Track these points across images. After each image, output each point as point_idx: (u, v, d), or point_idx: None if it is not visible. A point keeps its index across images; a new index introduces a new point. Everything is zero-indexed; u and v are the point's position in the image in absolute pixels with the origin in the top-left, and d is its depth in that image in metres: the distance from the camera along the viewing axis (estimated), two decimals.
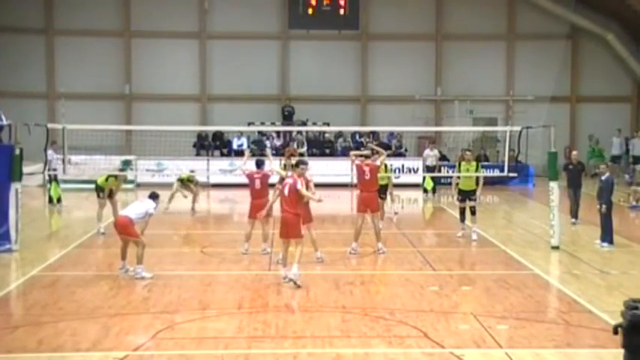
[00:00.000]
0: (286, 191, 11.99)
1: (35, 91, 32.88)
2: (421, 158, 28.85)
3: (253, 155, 27.56)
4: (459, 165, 16.86)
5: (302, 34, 32.84)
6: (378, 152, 15.78)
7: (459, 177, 16.70)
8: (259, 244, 14.59)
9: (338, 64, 33.68)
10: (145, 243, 12.59)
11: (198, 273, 13.30)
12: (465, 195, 16.61)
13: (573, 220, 18.91)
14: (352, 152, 16.10)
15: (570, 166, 19.20)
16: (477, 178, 16.55)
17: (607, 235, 15.68)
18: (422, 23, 33.82)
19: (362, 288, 12.04)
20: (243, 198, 22.53)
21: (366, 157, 15.51)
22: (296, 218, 12.00)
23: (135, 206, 12.80)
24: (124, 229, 12.52)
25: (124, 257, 12.71)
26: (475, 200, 16.56)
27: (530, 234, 17.52)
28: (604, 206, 15.60)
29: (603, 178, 15.85)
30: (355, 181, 16.08)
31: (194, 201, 21.65)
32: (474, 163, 16.69)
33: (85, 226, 18.09)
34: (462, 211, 16.71)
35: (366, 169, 14.88)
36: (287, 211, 12.00)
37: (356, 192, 15.91)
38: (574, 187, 18.88)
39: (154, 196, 13.06)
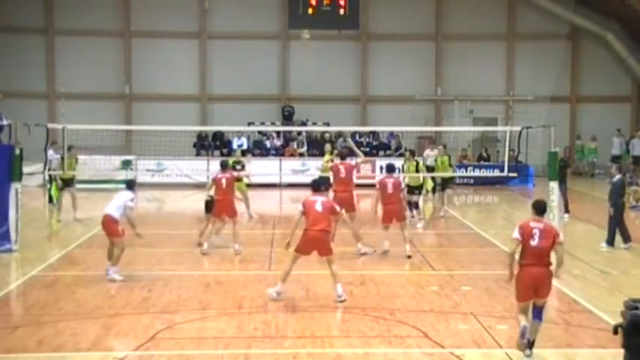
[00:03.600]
0: (320, 208, 11.06)
1: (35, 91, 32.87)
2: (421, 158, 28.81)
3: (252, 155, 27.60)
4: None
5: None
6: (355, 153, 16.17)
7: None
8: (255, 245, 14.59)
9: (338, 64, 33.66)
10: (125, 246, 12.48)
11: (198, 273, 13.30)
12: (410, 190, 18.74)
13: (564, 215, 18.99)
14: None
15: None
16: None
17: (609, 237, 15.52)
18: (422, 23, 33.80)
19: (362, 288, 12.04)
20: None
21: (342, 157, 15.86)
22: (327, 236, 11.26)
23: (113, 201, 12.64)
24: (106, 227, 12.49)
25: (110, 258, 12.66)
26: (418, 195, 19.52)
27: None
28: (611, 208, 15.37)
29: (614, 180, 15.60)
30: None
31: (247, 205, 19.28)
32: (413, 163, 19.30)
33: (85, 226, 18.10)
34: (408, 203, 18.37)
35: (341, 167, 15.14)
36: (320, 230, 11.04)
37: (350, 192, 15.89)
38: (558, 183, 19.01)
39: (130, 186, 12.82)
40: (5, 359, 8.58)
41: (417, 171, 19.31)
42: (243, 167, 20.10)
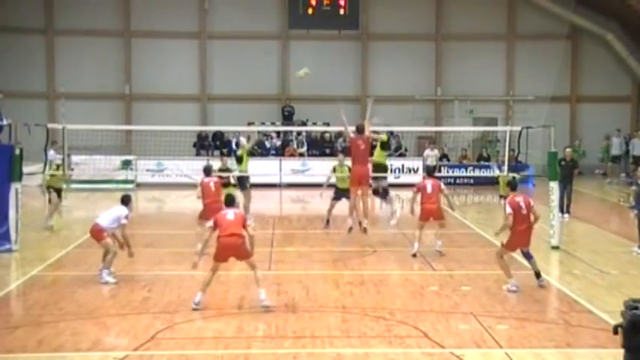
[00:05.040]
0: (231, 217, 10.89)
1: (35, 91, 32.88)
2: (421, 158, 28.86)
3: (253, 155, 27.58)
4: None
5: (302, 34, 32.83)
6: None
7: None
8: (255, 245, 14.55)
9: (338, 64, 33.66)
10: (116, 250, 12.44)
11: (198, 273, 13.27)
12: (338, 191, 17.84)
13: (565, 215, 19.00)
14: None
15: (562, 162, 19.31)
16: None
17: None
18: (422, 23, 33.82)
19: (362, 288, 12.04)
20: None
21: (359, 130, 15.99)
22: (239, 239, 10.81)
23: (106, 213, 12.60)
24: (93, 235, 12.48)
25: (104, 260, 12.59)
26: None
27: None
28: (636, 212, 14.93)
29: None
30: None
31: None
32: (344, 168, 17.79)
33: (85, 226, 18.03)
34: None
35: (360, 141, 15.53)
36: (230, 234, 10.76)
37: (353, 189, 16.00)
38: (565, 183, 19.04)
39: (125, 201, 12.68)
40: (5, 359, 8.58)
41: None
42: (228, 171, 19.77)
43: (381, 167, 18.12)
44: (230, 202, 11.49)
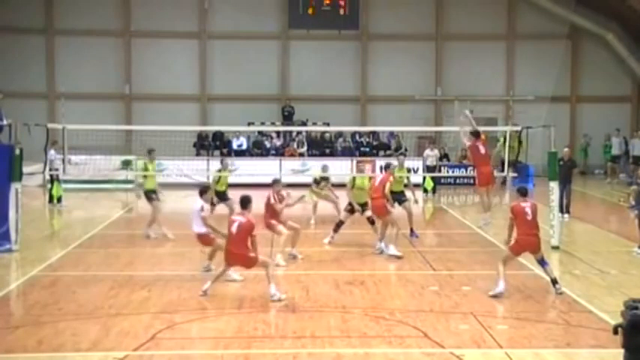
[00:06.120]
0: (235, 230, 10.99)
1: (35, 91, 32.87)
2: (421, 158, 28.85)
3: (251, 155, 27.61)
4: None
5: (302, 34, 32.85)
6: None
7: None
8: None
9: (338, 64, 33.67)
10: (220, 244, 12.44)
11: (198, 273, 13.29)
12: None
13: (565, 215, 19.02)
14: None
15: (561, 162, 19.31)
16: None
17: None
18: (422, 23, 33.81)
19: (362, 288, 12.04)
20: None
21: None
22: (240, 256, 11.08)
23: (193, 219, 12.84)
24: (201, 242, 12.93)
25: (210, 258, 12.97)
26: None
27: None
28: (636, 212, 14.92)
29: None
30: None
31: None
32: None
33: (85, 226, 18.10)
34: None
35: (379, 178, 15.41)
36: (230, 250, 11.13)
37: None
38: (563, 183, 19.04)
39: (200, 193, 13.05)
40: (5, 359, 8.58)
41: None
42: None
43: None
44: (243, 203, 11.39)
